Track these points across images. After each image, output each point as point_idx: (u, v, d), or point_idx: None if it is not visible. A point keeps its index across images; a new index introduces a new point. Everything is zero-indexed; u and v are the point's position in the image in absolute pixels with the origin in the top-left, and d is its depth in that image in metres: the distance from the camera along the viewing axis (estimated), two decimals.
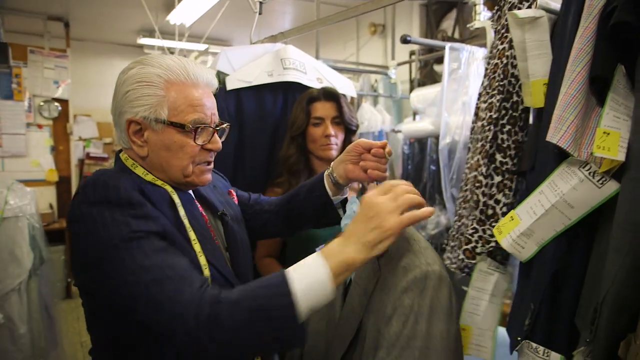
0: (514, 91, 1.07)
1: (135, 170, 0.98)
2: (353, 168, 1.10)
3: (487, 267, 1.12)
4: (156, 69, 0.93)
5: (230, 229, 1.09)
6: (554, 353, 0.82)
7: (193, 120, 0.93)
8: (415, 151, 3.26)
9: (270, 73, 1.80)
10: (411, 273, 0.84)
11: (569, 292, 0.82)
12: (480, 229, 1.12)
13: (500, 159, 1.10)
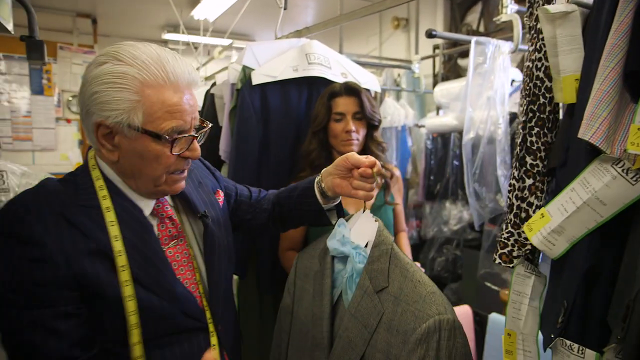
0: (539, 93, 1.07)
1: (92, 172, 0.91)
2: (340, 182, 1.08)
3: (525, 270, 1.12)
4: (130, 67, 0.82)
5: (209, 232, 1.02)
6: (589, 350, 0.81)
7: (171, 129, 0.84)
8: (438, 146, 3.24)
9: (295, 68, 1.81)
10: (424, 323, 0.85)
11: (602, 290, 0.81)
12: (515, 232, 1.12)
13: (530, 161, 1.10)
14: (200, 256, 1.02)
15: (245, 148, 1.77)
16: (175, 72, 0.85)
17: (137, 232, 0.90)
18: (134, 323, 0.86)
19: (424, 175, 3.30)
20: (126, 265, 0.86)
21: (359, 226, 1.08)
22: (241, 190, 1.26)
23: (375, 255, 0.99)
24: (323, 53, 1.90)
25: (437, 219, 3.28)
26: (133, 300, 0.86)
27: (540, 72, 1.07)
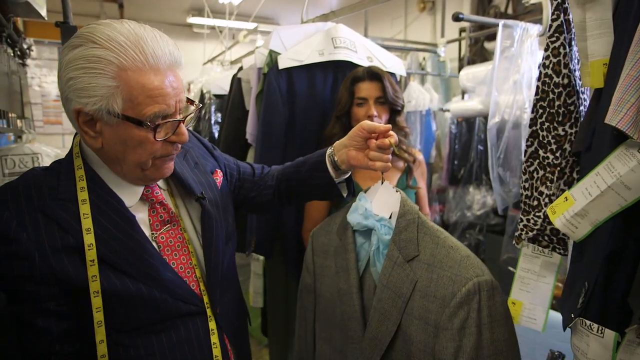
0: (548, 90, 1.14)
1: (75, 160, 0.89)
2: (356, 155, 1.03)
3: (532, 252, 1.21)
4: (106, 50, 0.76)
5: (207, 214, 0.99)
6: (608, 330, 0.83)
7: (153, 114, 0.80)
8: (462, 130, 3.22)
9: (321, 52, 1.84)
10: (464, 287, 0.88)
11: (623, 272, 0.82)
12: (524, 218, 1.21)
13: (542, 154, 1.17)
14: (196, 239, 1.00)
15: (271, 132, 1.81)
16: (155, 53, 0.79)
17: (116, 223, 0.87)
18: (98, 320, 0.84)
19: (447, 159, 3.29)
20: (95, 261, 0.83)
21: (380, 198, 1.08)
22: (244, 167, 1.23)
23: (402, 225, 1.00)
24: (349, 37, 1.91)
25: (460, 203, 3.28)
26: (99, 296, 0.83)
27: (548, 69, 1.13)
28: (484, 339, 0.87)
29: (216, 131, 3.24)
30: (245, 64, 2.25)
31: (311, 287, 1.21)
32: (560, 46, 1.12)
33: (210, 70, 4.10)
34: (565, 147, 1.15)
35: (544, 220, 1.18)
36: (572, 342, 0.92)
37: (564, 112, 1.13)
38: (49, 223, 0.83)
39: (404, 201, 1.02)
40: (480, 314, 0.87)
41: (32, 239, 0.80)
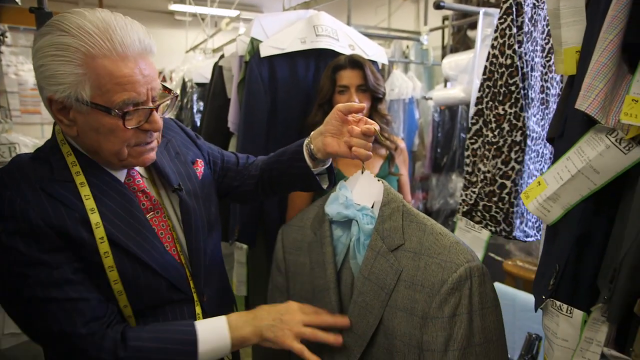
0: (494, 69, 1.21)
1: (62, 147, 0.89)
2: (332, 141, 1.01)
3: (465, 226, 1.28)
4: (73, 38, 0.77)
5: (184, 205, 1.00)
6: (577, 310, 0.86)
7: (122, 102, 0.80)
8: (445, 119, 3.25)
9: (303, 40, 1.83)
10: (455, 273, 0.85)
11: (593, 254, 0.85)
12: (464, 193, 1.29)
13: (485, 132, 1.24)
14: (179, 227, 1.01)
15: (253, 120, 1.81)
16: (124, 41, 0.79)
17: (119, 202, 0.89)
18: (119, 290, 0.88)
19: (430, 147, 3.32)
20: (104, 237, 0.85)
21: (361, 188, 1.04)
22: (228, 156, 1.22)
23: (385, 214, 0.96)
24: (331, 25, 1.91)
25: (443, 191, 3.32)
26: (114, 270, 0.86)
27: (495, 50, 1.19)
28: (475, 326, 0.85)
29: (198, 120, 3.22)
30: (227, 52, 2.24)
31: (283, 287, 1.15)
32: (506, 27, 1.16)
33: (192, 58, 4.06)
34: (504, 126, 1.20)
35: (477, 196, 1.24)
36: (543, 322, 0.94)
37: (505, 92, 1.18)
38: (52, 202, 0.83)
39: (387, 190, 1.00)
40: (471, 300, 0.85)
41: (39, 216, 0.80)
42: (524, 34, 1.18)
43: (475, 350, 0.84)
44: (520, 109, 1.19)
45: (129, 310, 0.91)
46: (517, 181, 1.23)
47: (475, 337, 0.85)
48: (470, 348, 0.84)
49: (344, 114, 0.99)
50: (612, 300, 0.77)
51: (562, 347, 0.88)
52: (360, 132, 0.97)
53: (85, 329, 0.83)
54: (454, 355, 0.84)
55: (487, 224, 1.25)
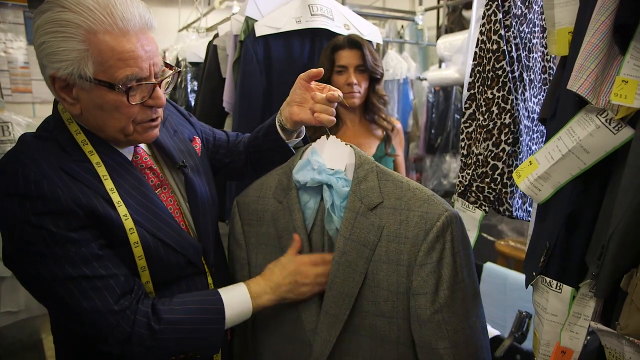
0: (483, 55, 1.23)
1: (70, 126, 0.88)
2: (297, 110, 1.03)
3: (460, 206, 1.34)
4: (73, 14, 0.76)
5: (189, 182, 1.02)
6: (566, 286, 0.88)
7: (125, 77, 0.80)
8: (439, 99, 3.26)
9: (298, 19, 1.82)
10: (438, 221, 0.92)
11: (582, 232, 0.87)
12: (460, 175, 1.34)
13: (477, 115, 1.28)
14: (184, 203, 1.02)
15: (249, 99, 1.81)
16: (125, 16, 0.79)
17: (131, 183, 0.90)
18: (142, 266, 0.90)
19: (424, 128, 3.33)
20: (128, 214, 0.87)
21: (330, 153, 1.04)
22: (219, 134, 1.23)
23: (360, 175, 0.99)
24: (326, 4, 1.90)
25: (437, 172, 3.34)
26: (139, 246, 0.88)
27: (483, 35, 1.21)
28: (457, 265, 0.93)
29: (193, 99, 3.20)
30: (221, 31, 2.22)
31: (244, 260, 1.13)
32: (492, 13, 1.20)
33: (185, 37, 4.00)
34: (493, 110, 1.24)
35: (471, 177, 1.29)
36: (533, 298, 0.97)
37: (492, 76, 1.22)
38: (75, 183, 0.83)
39: (358, 152, 1.01)
40: (453, 243, 0.93)
41: (68, 195, 0.81)
42: (514, 16, 1.20)
43: (460, 286, 0.93)
44: (508, 92, 1.23)
45: (150, 286, 0.93)
46: (510, 162, 1.26)
47: (458, 275, 0.93)
48: (456, 285, 0.93)
49: (307, 82, 1.02)
50: (600, 276, 0.79)
51: (551, 321, 0.91)
52: (324, 98, 0.99)
53: (117, 306, 0.84)
54: (445, 294, 0.92)
55: (481, 204, 1.30)
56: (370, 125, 1.79)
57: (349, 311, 0.98)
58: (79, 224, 0.82)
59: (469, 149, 1.32)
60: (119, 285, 0.85)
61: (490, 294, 2.23)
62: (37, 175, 0.80)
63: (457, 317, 0.94)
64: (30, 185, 0.79)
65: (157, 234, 0.91)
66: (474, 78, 1.28)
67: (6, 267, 0.86)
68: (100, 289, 0.83)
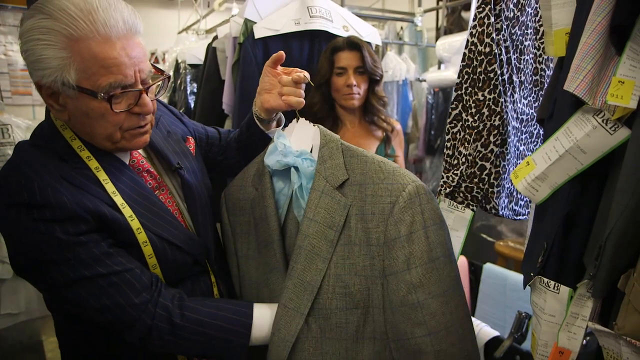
0: (473, 57, 1.25)
1: (64, 132, 0.88)
2: (267, 97, 1.03)
3: (448, 207, 1.35)
4: (54, 21, 0.75)
5: (186, 183, 1.01)
6: (564, 286, 0.88)
7: (108, 85, 0.78)
8: (439, 101, 3.26)
9: (297, 21, 1.83)
10: (403, 191, 0.86)
11: (579, 232, 0.87)
12: (445, 175, 1.36)
13: (464, 116, 1.29)
14: (182, 204, 1.03)
15: (248, 101, 1.79)
16: (107, 22, 0.77)
17: (131, 186, 0.90)
18: (153, 264, 0.91)
19: (424, 129, 3.33)
20: (133, 215, 0.87)
21: (298, 134, 1.02)
22: (211, 132, 1.23)
23: (326, 154, 0.95)
24: (325, 6, 1.90)
25: (436, 173, 3.34)
26: (148, 245, 0.89)
27: (474, 37, 1.23)
28: (431, 241, 0.87)
29: (192, 101, 3.21)
30: (220, 33, 2.22)
31: (232, 250, 1.11)
32: (485, 17, 1.21)
33: (185, 39, 4.01)
34: (484, 112, 1.26)
35: (459, 177, 1.31)
36: (531, 299, 0.97)
37: (484, 78, 1.23)
38: (77, 189, 0.83)
39: (323, 132, 0.98)
40: (424, 216, 0.86)
41: (72, 201, 0.81)
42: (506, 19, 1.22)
43: (435, 264, 0.86)
44: (499, 94, 1.24)
45: None
46: (497, 163, 1.29)
47: (433, 252, 0.87)
48: (431, 263, 0.86)
49: (273, 67, 1.02)
50: (597, 277, 0.79)
51: (549, 322, 0.91)
52: (290, 80, 0.99)
53: (138, 299, 0.85)
54: (417, 272, 0.85)
55: (469, 203, 1.32)
56: (369, 127, 1.79)
57: (310, 303, 0.89)
58: (88, 228, 0.82)
59: (455, 149, 1.34)
60: (137, 278, 0.86)
61: (489, 295, 2.23)
62: (41, 185, 0.80)
63: (434, 299, 0.86)
64: (35, 195, 0.79)
65: (162, 234, 0.92)
66: (462, 79, 1.29)
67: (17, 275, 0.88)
68: (118, 284, 0.84)
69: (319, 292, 0.89)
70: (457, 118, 1.32)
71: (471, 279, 2.37)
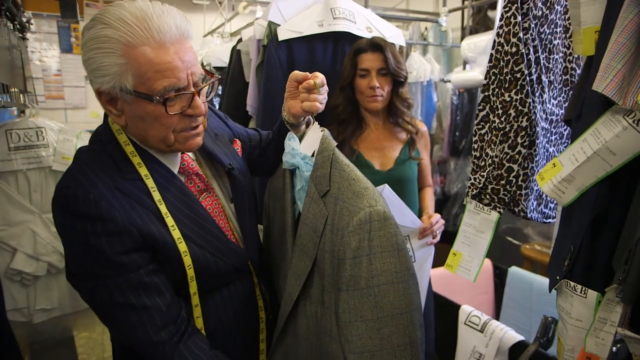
0: (500, 57, 1.24)
1: (119, 137, 0.92)
2: (292, 103, 1.06)
3: (474, 208, 1.35)
4: (113, 30, 0.80)
5: (237, 184, 1.06)
6: (591, 291, 0.86)
7: (163, 89, 0.83)
8: (464, 101, 3.22)
9: (320, 23, 1.83)
10: (356, 216, 0.88)
11: (608, 235, 0.85)
12: (472, 177, 1.34)
13: (492, 118, 1.27)
14: (228, 206, 1.07)
15: (272, 103, 1.82)
16: (161, 29, 0.81)
17: (178, 197, 0.94)
18: (191, 276, 0.94)
19: (449, 131, 3.29)
20: (175, 225, 0.91)
21: (308, 138, 1.08)
22: (252, 134, 1.27)
23: (319, 162, 1.00)
24: (348, 7, 1.90)
25: (461, 175, 3.30)
26: (188, 255, 0.93)
27: (501, 38, 1.21)
28: (374, 269, 0.88)
29: (217, 103, 3.25)
30: (244, 36, 2.25)
31: (268, 229, 1.22)
32: (511, 16, 1.19)
33: (210, 42, 4.07)
34: (510, 112, 1.24)
35: (486, 179, 1.29)
36: (557, 303, 0.96)
37: (510, 79, 1.21)
38: (128, 200, 0.88)
39: (324, 138, 1.02)
40: (371, 242, 0.87)
41: (123, 214, 0.85)
42: (534, 18, 1.19)
43: (373, 291, 0.88)
44: (526, 95, 1.22)
45: (197, 299, 0.97)
46: (525, 165, 1.26)
47: (374, 279, 0.88)
48: (368, 289, 0.88)
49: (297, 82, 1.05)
50: (627, 281, 0.77)
51: (576, 327, 0.90)
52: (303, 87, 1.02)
53: (156, 337, 0.89)
54: (354, 295, 0.88)
55: (496, 205, 1.30)
56: (394, 129, 1.78)
57: (298, 292, 0.99)
58: (134, 245, 0.87)
59: (482, 151, 1.33)
60: (161, 315, 0.89)
61: (515, 299, 2.19)
62: (96, 196, 0.84)
63: (363, 323, 0.88)
64: (90, 206, 0.83)
65: (204, 245, 0.96)
66: (489, 80, 1.28)
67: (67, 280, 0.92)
68: (143, 320, 0.88)
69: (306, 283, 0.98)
70: (485, 119, 1.30)
71: (496, 282, 2.33)
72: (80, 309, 2.24)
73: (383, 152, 1.72)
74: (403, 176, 1.70)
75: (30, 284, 2.11)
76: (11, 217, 2.04)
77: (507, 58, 1.22)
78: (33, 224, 2.09)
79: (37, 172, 2.11)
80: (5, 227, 2.04)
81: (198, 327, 0.98)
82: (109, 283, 0.86)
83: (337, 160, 0.98)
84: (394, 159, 1.71)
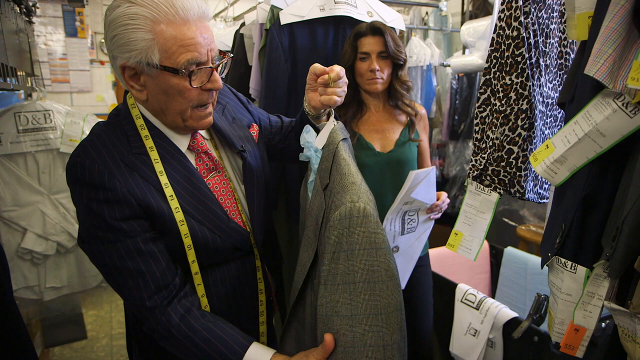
0: (501, 41, 1.26)
1: (132, 110, 0.98)
2: (312, 95, 1.10)
3: (475, 189, 1.39)
4: (140, 7, 0.85)
5: (248, 166, 1.09)
6: (580, 266, 0.91)
7: (187, 62, 0.88)
8: (463, 86, 3.24)
9: (322, 7, 1.85)
10: (337, 211, 0.87)
11: (598, 214, 0.89)
12: (474, 159, 1.38)
13: (493, 101, 1.30)
14: (239, 188, 1.10)
15: (274, 87, 1.85)
16: (185, 7, 0.87)
17: (181, 173, 0.98)
18: (188, 244, 0.97)
19: (448, 114, 3.32)
20: (174, 195, 0.96)
21: (323, 131, 1.09)
22: (274, 121, 1.30)
23: (325, 155, 1.02)
24: None
25: (459, 158, 3.33)
26: (185, 224, 0.96)
27: (502, 22, 1.24)
28: (351, 265, 0.87)
29: None
30: (247, 20, 2.26)
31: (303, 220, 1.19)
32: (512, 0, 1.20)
33: (213, 26, 4.06)
34: (511, 95, 1.27)
35: (486, 161, 1.33)
36: (549, 279, 1.00)
37: (511, 62, 1.24)
38: (132, 173, 0.93)
39: (332, 132, 1.04)
40: (349, 239, 0.86)
41: (123, 185, 0.91)
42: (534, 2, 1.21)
43: (349, 287, 0.87)
44: (526, 78, 1.24)
45: (196, 267, 1.01)
46: (525, 147, 1.29)
47: (350, 276, 0.87)
48: (344, 285, 0.87)
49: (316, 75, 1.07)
50: (614, 257, 0.81)
51: (566, 301, 0.94)
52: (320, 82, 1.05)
53: (149, 302, 0.94)
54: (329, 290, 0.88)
55: (496, 187, 1.33)
56: (394, 111, 1.81)
57: (302, 281, 1.00)
58: (131, 214, 0.92)
59: (483, 133, 1.35)
60: (155, 280, 0.94)
61: (510, 278, 2.25)
62: (101, 167, 0.91)
63: (338, 318, 0.87)
64: (94, 175, 0.90)
65: (203, 221, 0.99)
66: (490, 64, 1.30)
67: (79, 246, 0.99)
68: (138, 284, 0.94)
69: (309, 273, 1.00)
70: (486, 102, 1.33)
71: (492, 262, 2.39)
72: (88, 287, 2.29)
73: (383, 134, 1.76)
74: (403, 158, 1.74)
75: (40, 263, 2.16)
76: (21, 198, 2.08)
77: (508, 42, 1.24)
78: (42, 204, 2.13)
79: (46, 154, 2.15)
80: (15, 208, 2.08)
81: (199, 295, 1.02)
82: (109, 247, 0.92)
83: (338, 154, 1.00)
84: (394, 141, 1.75)
